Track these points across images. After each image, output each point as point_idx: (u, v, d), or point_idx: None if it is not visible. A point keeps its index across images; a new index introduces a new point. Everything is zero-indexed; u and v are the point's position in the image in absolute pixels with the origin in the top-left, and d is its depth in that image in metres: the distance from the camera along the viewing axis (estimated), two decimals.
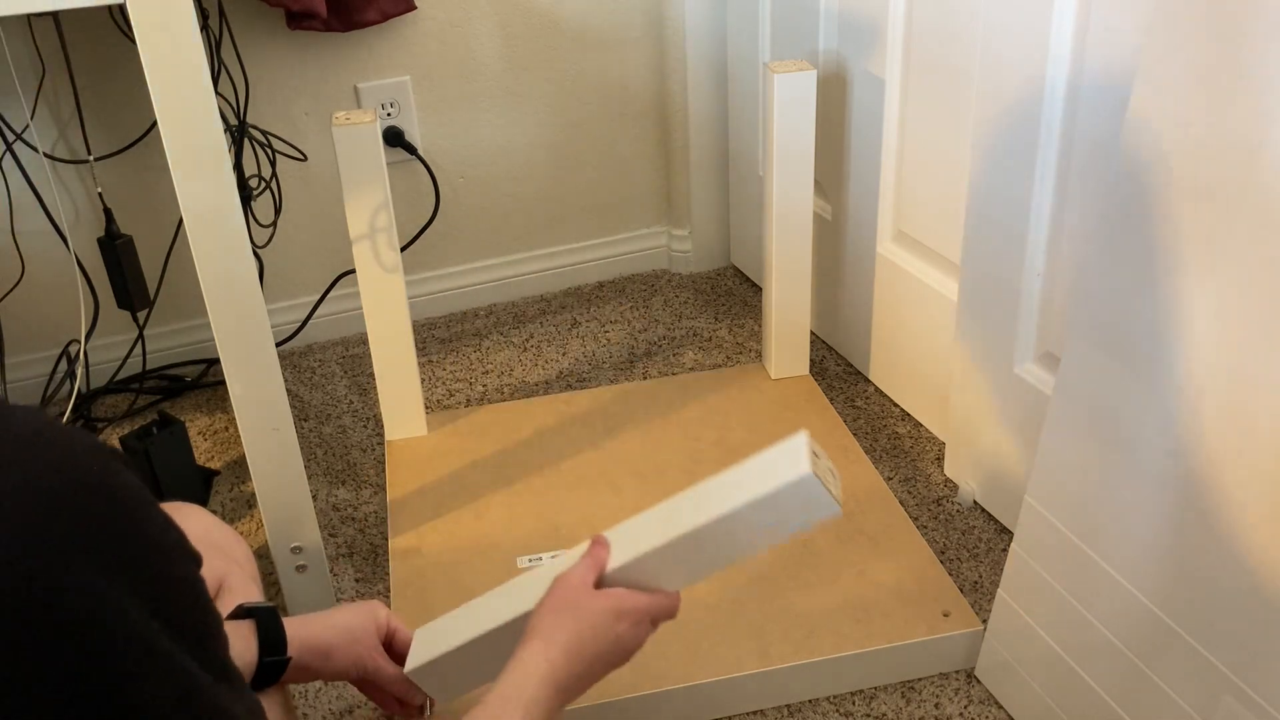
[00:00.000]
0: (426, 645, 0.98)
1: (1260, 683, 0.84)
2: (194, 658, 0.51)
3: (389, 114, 1.79)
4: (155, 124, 1.36)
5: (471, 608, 0.98)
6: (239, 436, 1.16)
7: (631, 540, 0.89)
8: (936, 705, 1.17)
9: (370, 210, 1.36)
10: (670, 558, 0.87)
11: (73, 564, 0.46)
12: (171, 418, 1.47)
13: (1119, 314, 0.93)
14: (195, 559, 0.54)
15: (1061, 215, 1.19)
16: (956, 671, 1.21)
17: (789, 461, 0.81)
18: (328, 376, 1.80)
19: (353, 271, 1.52)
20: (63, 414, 1.57)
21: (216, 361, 1.62)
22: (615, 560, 0.88)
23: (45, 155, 1.62)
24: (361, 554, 1.42)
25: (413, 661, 0.97)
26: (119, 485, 0.50)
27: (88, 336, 1.73)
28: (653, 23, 1.88)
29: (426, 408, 1.64)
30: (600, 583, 0.88)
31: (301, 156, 1.76)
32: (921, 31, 1.39)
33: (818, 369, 1.73)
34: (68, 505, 0.47)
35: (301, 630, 0.91)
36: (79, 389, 1.69)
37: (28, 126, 1.58)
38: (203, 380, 1.79)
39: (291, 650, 0.88)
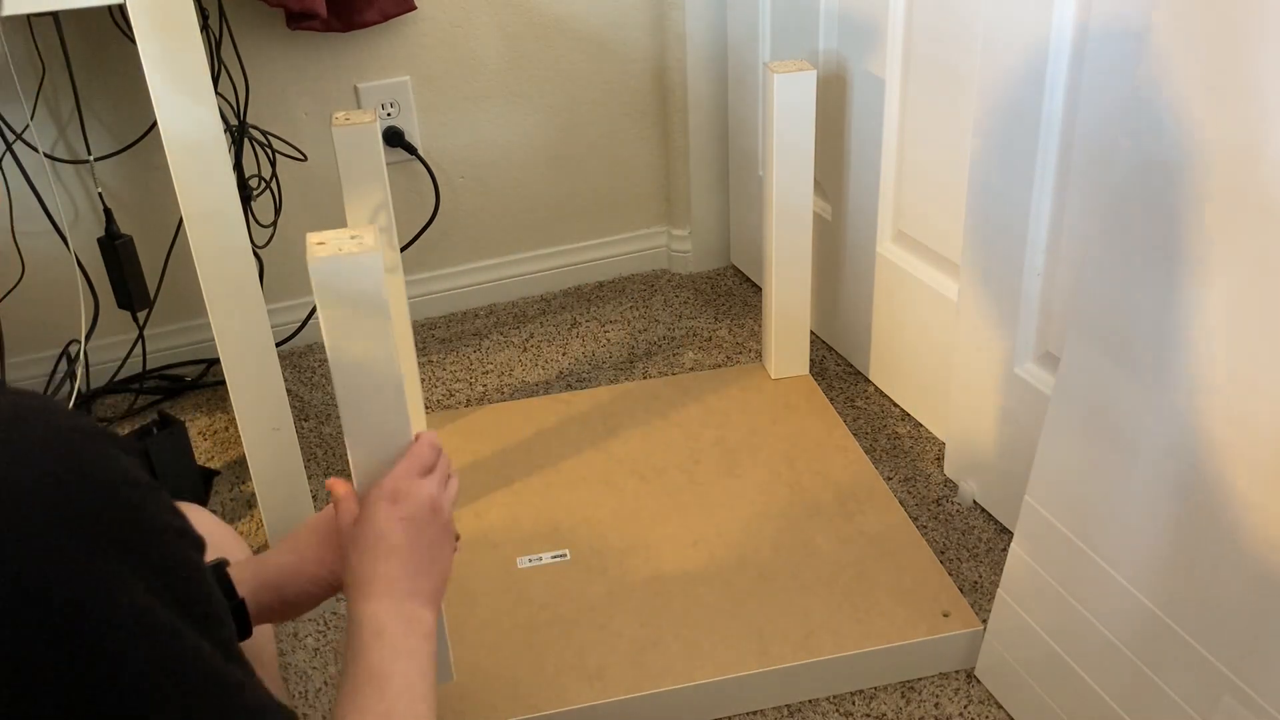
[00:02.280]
0: None
1: (1260, 683, 0.84)
2: (201, 635, 0.51)
3: (389, 114, 1.79)
4: (155, 124, 1.36)
5: None
6: (239, 436, 1.17)
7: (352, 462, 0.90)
8: (936, 705, 1.17)
9: (370, 210, 1.36)
10: (359, 429, 0.87)
11: (61, 548, 0.46)
12: (171, 418, 1.47)
13: (1119, 314, 0.93)
14: (198, 544, 0.54)
15: (1061, 215, 1.19)
16: (956, 671, 1.21)
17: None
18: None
19: None
20: None
21: (216, 361, 1.62)
22: (358, 482, 0.88)
23: (45, 155, 1.62)
24: None
25: None
26: (113, 468, 0.49)
27: (88, 336, 1.73)
28: (653, 23, 1.88)
29: (426, 408, 1.64)
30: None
31: (301, 156, 1.76)
32: (921, 31, 1.39)
33: (818, 369, 1.73)
34: (58, 489, 0.47)
35: (255, 572, 0.87)
36: (79, 389, 1.68)
37: (28, 126, 1.58)
38: (203, 380, 1.79)
39: (243, 592, 0.84)
